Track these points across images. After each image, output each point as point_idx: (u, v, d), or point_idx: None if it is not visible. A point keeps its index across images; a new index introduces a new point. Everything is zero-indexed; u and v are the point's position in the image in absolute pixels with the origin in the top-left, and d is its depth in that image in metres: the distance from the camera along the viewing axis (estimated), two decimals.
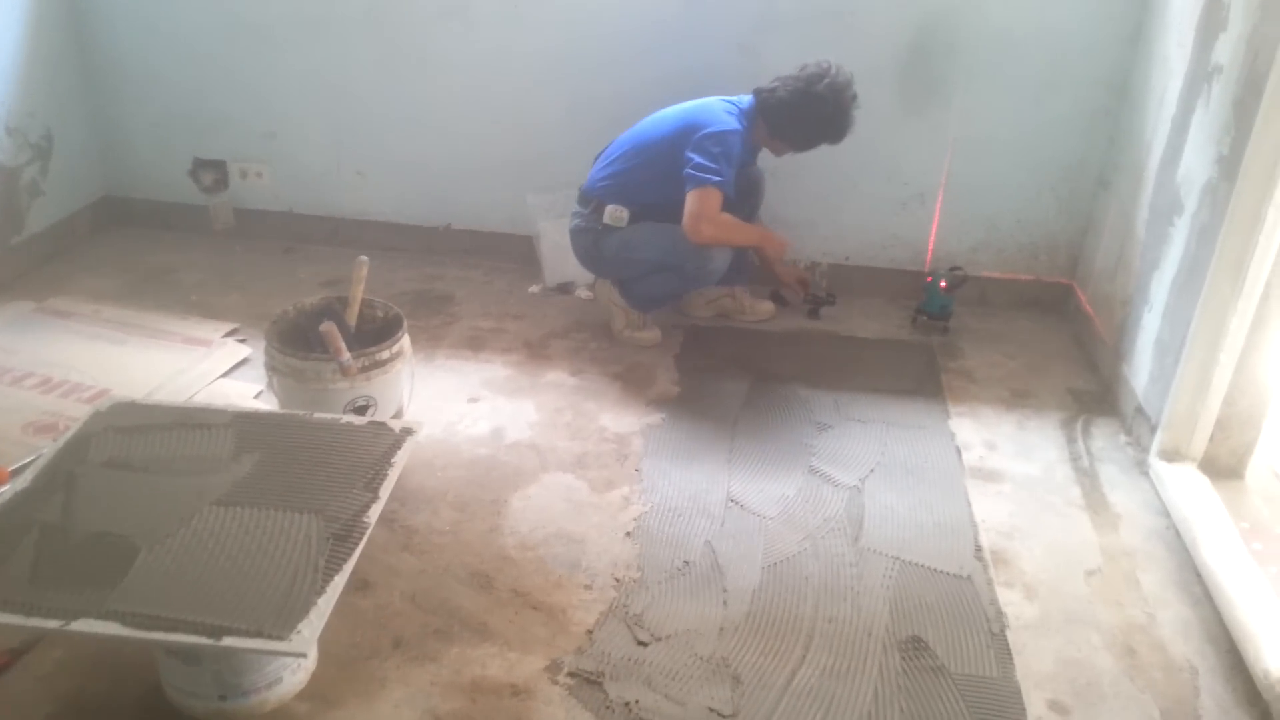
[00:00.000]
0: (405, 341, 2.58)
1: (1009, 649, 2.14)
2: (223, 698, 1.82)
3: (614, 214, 3.22)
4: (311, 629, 1.63)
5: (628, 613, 2.21)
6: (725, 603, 2.26)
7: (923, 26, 3.39)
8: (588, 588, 2.28)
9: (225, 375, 3.10)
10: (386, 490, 1.93)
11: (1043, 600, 2.29)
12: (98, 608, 1.66)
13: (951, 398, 3.14)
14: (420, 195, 3.98)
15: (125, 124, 4.02)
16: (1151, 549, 2.48)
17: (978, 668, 2.09)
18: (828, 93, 3.06)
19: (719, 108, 3.15)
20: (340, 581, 1.72)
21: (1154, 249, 2.93)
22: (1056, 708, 2.01)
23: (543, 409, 3.00)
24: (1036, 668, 2.10)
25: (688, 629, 2.17)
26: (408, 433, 2.10)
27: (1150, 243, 2.97)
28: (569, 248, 3.45)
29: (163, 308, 3.49)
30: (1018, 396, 3.17)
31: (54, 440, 2.17)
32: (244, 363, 3.16)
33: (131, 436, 2.09)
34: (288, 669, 1.86)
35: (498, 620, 2.18)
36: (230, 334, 3.33)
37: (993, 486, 2.71)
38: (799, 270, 3.71)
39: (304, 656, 1.75)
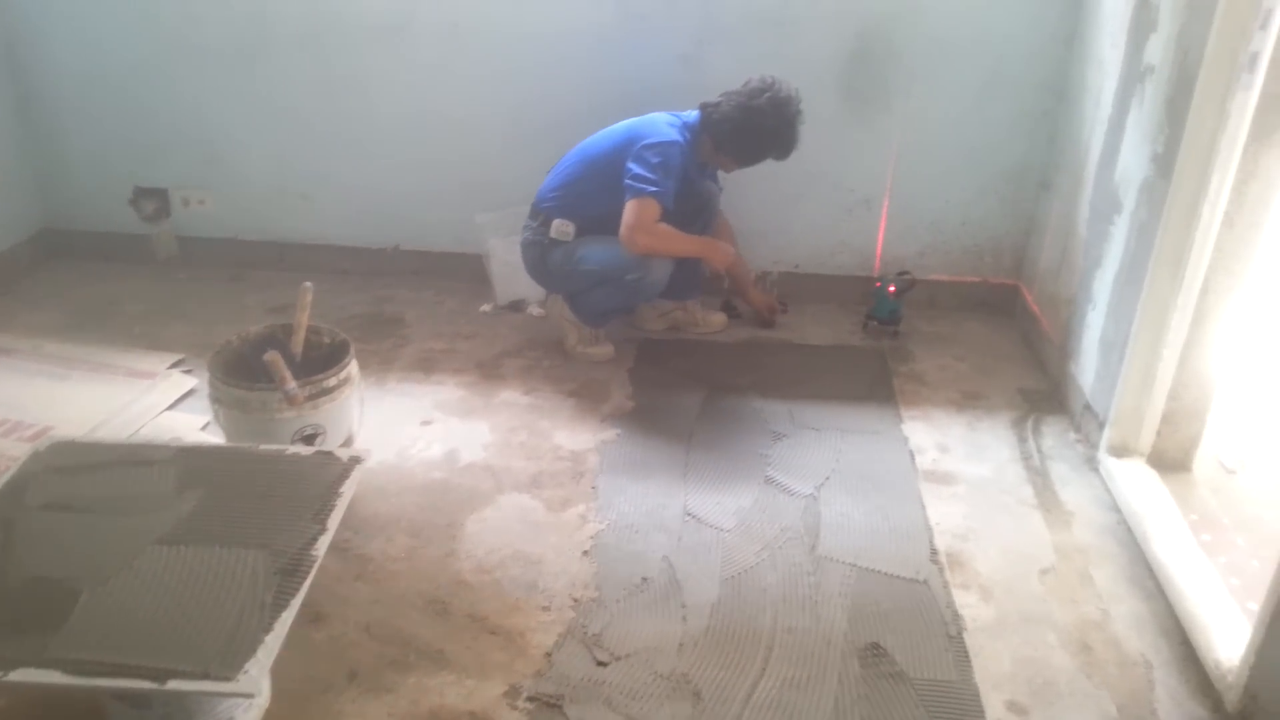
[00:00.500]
0: (353, 367, 2.55)
1: (967, 651, 2.15)
2: None
3: (560, 228, 3.21)
4: (259, 667, 1.60)
5: (586, 633, 2.19)
6: (684, 618, 2.25)
7: (863, 34, 3.42)
8: (545, 609, 2.26)
9: (171, 407, 3.05)
10: (335, 521, 1.90)
11: (998, 601, 2.31)
12: (38, 655, 1.61)
13: (904, 402, 3.16)
14: (367, 217, 3.95)
15: (62, 154, 3.95)
16: (1103, 545, 2.51)
17: (936, 672, 2.10)
18: (769, 107, 3.07)
19: (662, 121, 3.16)
20: (288, 617, 1.69)
21: (1095, 248, 2.97)
22: (1015, 708, 2.02)
23: (497, 429, 2.98)
24: (994, 669, 2.11)
25: (647, 647, 2.16)
26: (356, 461, 2.07)
27: (1092, 241, 3.01)
28: (519, 265, 3.44)
29: (106, 341, 3.42)
30: (968, 398, 3.19)
31: None
32: (190, 394, 3.11)
33: (72, 476, 2.04)
34: (239, 708, 1.83)
35: (455, 647, 2.15)
36: (175, 365, 3.28)
37: (946, 489, 2.73)
38: (771, 298, 3.71)
39: (253, 696, 1.72)
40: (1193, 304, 2.55)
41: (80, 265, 4.02)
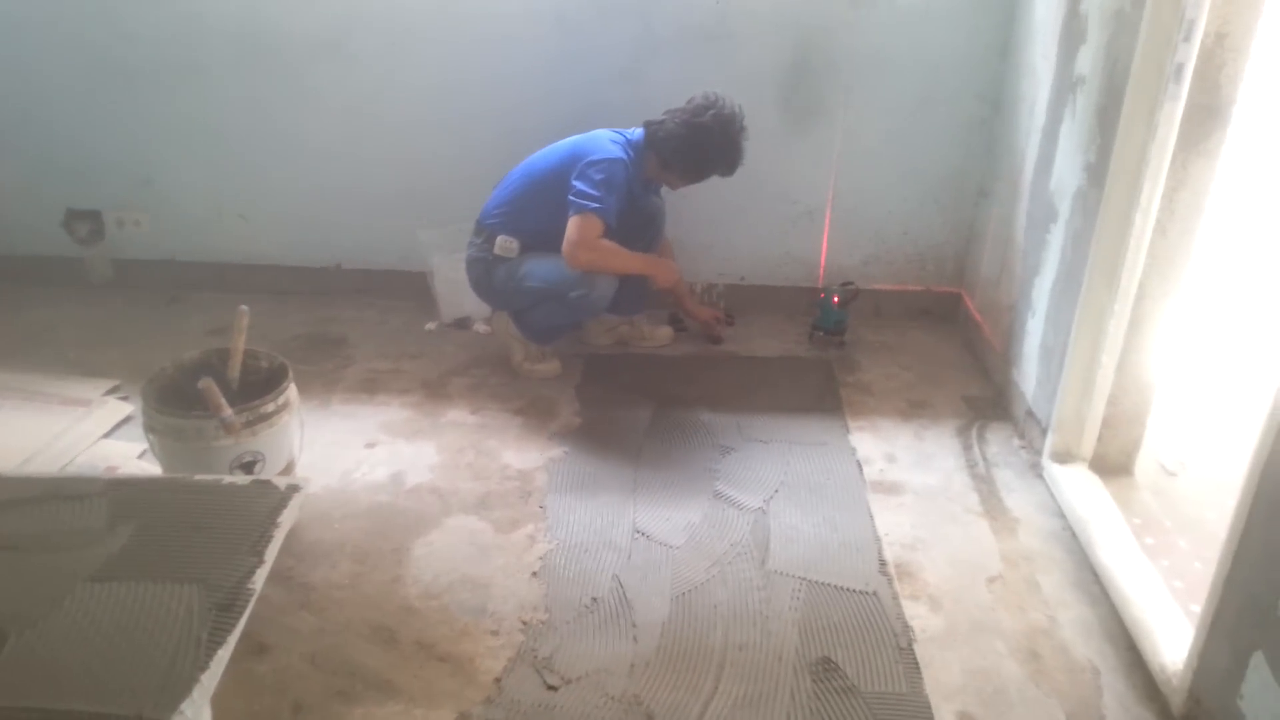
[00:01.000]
0: (291, 391, 2.50)
1: (917, 663, 2.15)
2: None
3: (504, 244, 3.19)
4: (195, 708, 1.55)
5: (536, 657, 2.16)
6: (635, 638, 2.23)
7: (800, 47, 3.44)
8: (494, 634, 2.23)
9: (107, 435, 2.98)
10: (272, 552, 1.84)
11: (947, 611, 2.32)
12: None
13: (850, 412, 3.18)
14: (307, 236, 3.89)
15: None
16: (1050, 551, 2.54)
17: (887, 684, 2.10)
18: (714, 124, 3.08)
19: (605, 138, 3.15)
20: (224, 654, 1.63)
21: (1033, 255, 3.01)
22: (966, 719, 2.02)
23: (443, 450, 2.94)
24: (945, 680, 2.12)
25: (598, 669, 2.13)
26: (294, 489, 2.02)
27: (1029, 249, 3.05)
28: (464, 282, 3.41)
29: (38, 368, 3.33)
30: (914, 407, 3.21)
31: None
32: (127, 421, 3.04)
33: None
34: None
35: (403, 675, 2.11)
36: (111, 391, 3.20)
37: (894, 499, 2.74)
38: (714, 310, 3.71)
39: None
40: (1129, 310, 2.59)
41: (12, 290, 3.91)
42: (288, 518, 1.94)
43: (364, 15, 3.50)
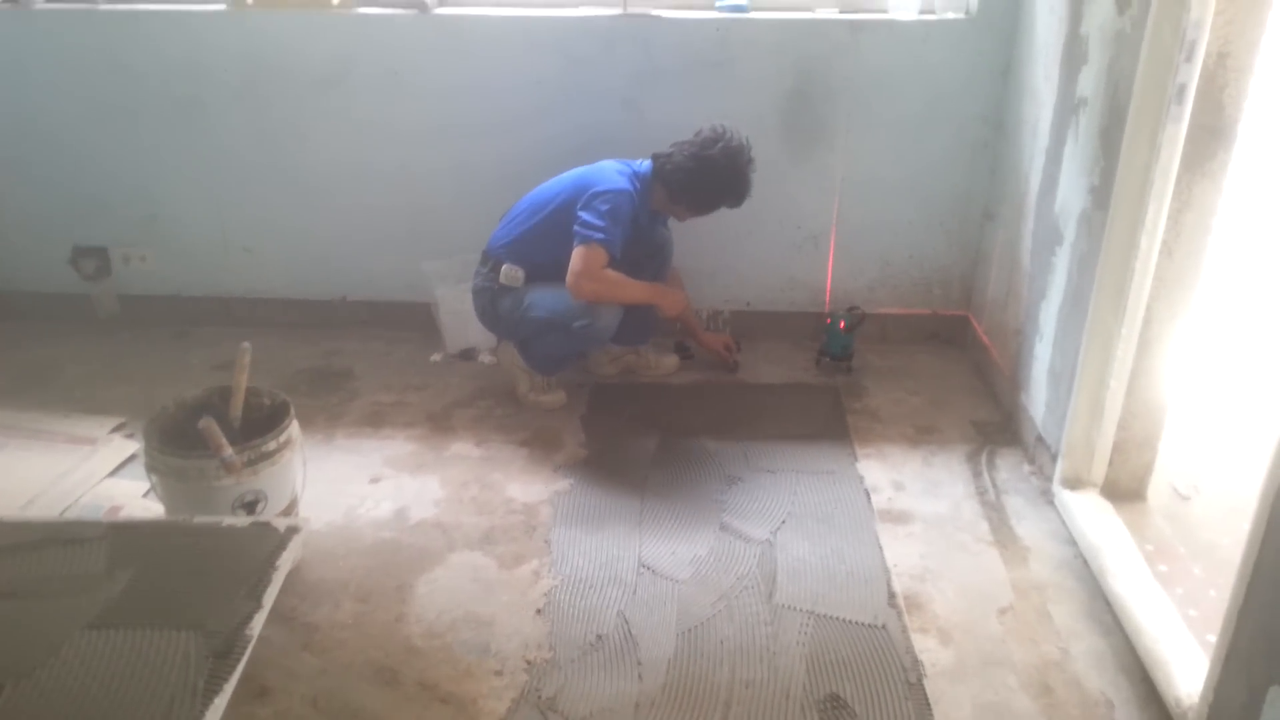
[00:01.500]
0: (293, 429, 2.49)
1: (927, 699, 2.12)
2: None
3: (510, 274, 3.18)
4: None
5: (540, 697, 2.13)
6: (640, 676, 2.20)
7: (801, 73, 3.43)
8: (498, 673, 2.20)
9: (113, 474, 2.97)
10: (270, 597, 1.84)
11: (957, 644, 2.28)
12: None
13: (858, 439, 3.14)
14: (312, 269, 3.89)
15: None
16: (1061, 580, 2.49)
17: None
18: (722, 157, 3.07)
19: (611, 169, 3.16)
20: (221, 703, 1.62)
21: (1040, 278, 2.98)
22: None
23: (448, 484, 2.93)
24: (955, 716, 2.08)
25: (603, 708, 2.10)
26: (293, 531, 2.01)
27: (1035, 272, 3.02)
28: (469, 314, 3.40)
29: (44, 406, 3.33)
30: (922, 433, 3.18)
31: None
32: (132, 459, 3.03)
33: None
34: None
35: (405, 718, 2.08)
36: (117, 429, 3.20)
37: (903, 528, 2.71)
38: (724, 337, 3.68)
39: None
40: (1136, 333, 2.55)
41: (18, 327, 3.92)
42: (286, 560, 1.94)
43: (365, 49, 3.52)
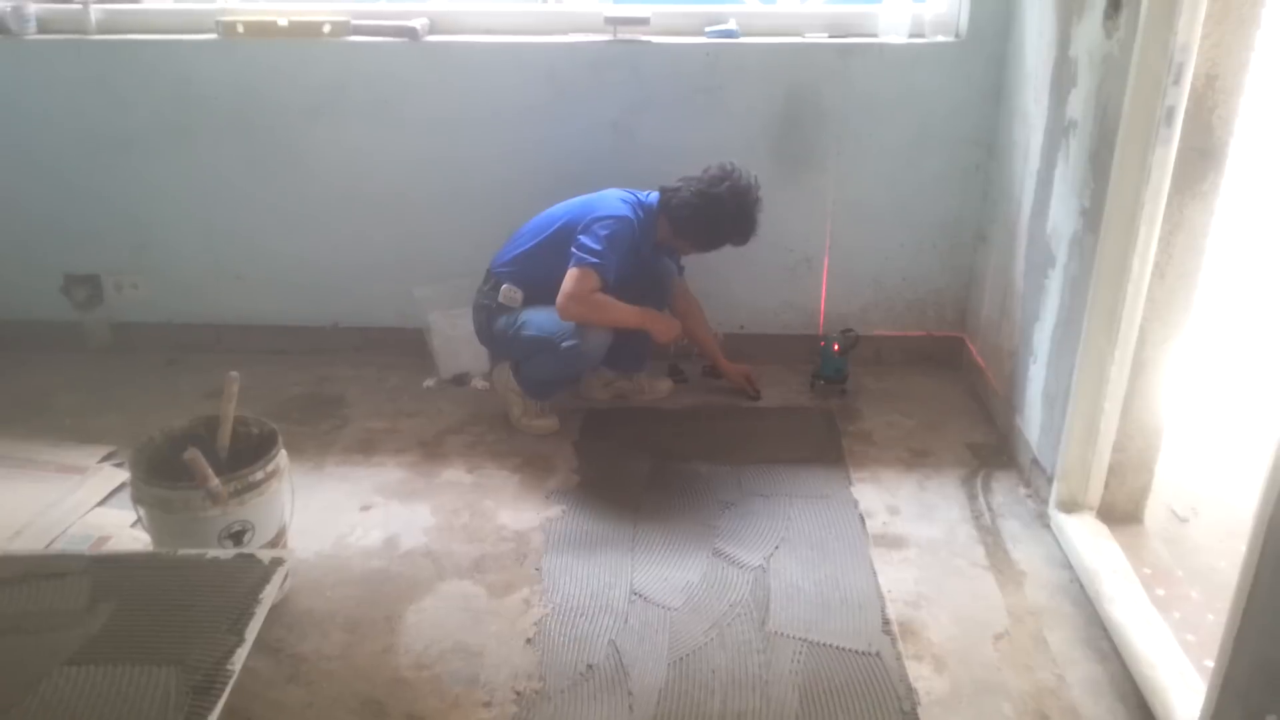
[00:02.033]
0: (281, 458, 2.46)
1: None
2: None
3: (508, 294, 3.19)
4: None
5: None
6: (631, 707, 2.17)
7: (792, 97, 3.43)
8: (487, 705, 2.18)
9: (101, 504, 2.95)
10: (253, 630, 1.81)
11: (952, 671, 2.25)
12: None
13: (853, 463, 3.12)
14: (304, 295, 3.88)
15: None
16: (1057, 605, 2.47)
17: None
18: (729, 195, 3.07)
19: (614, 196, 3.17)
20: None
21: (1033, 300, 2.97)
22: None
23: (439, 511, 2.90)
24: None
25: None
26: (278, 562, 1.98)
27: (1028, 294, 3.01)
28: (461, 339, 3.39)
29: (34, 435, 3.31)
30: (917, 456, 3.16)
31: None
32: (122, 488, 3.00)
33: None
34: None
35: None
36: (106, 458, 3.18)
37: (897, 553, 2.68)
38: (745, 367, 3.62)
39: None
40: (1130, 355, 2.54)
41: (9, 356, 3.90)
42: (270, 592, 1.91)
43: (356, 77, 3.52)
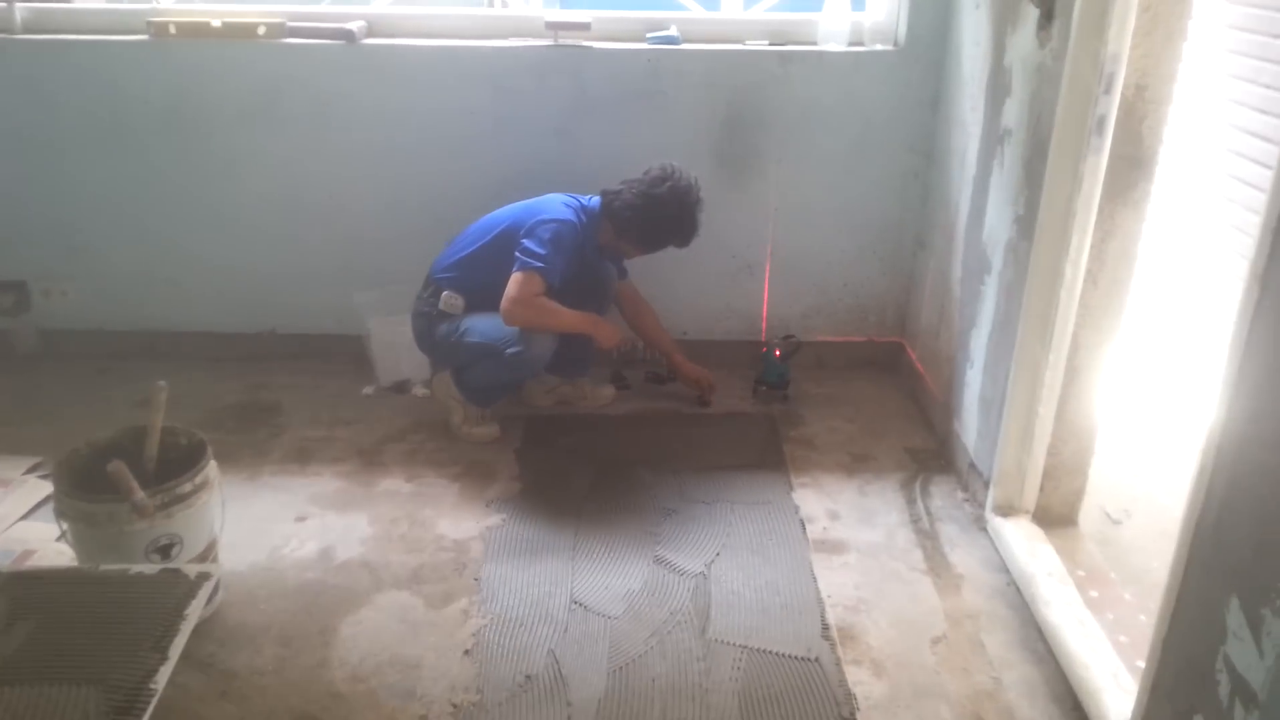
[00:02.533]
0: (211, 469, 2.40)
1: None
2: None
3: (449, 300, 3.16)
4: None
5: None
6: (569, 717, 2.15)
7: (733, 103, 3.44)
8: (423, 718, 2.14)
9: (25, 517, 2.87)
10: (178, 648, 1.76)
11: (891, 675, 2.26)
12: None
13: (794, 468, 3.13)
14: (240, 301, 3.80)
15: None
16: (994, 609, 2.49)
17: None
18: (670, 196, 3.07)
19: (557, 201, 3.16)
20: None
21: (970, 306, 3.00)
22: None
23: (376, 521, 2.86)
24: None
25: None
26: (204, 577, 1.94)
27: (966, 300, 3.04)
28: (401, 346, 3.34)
29: None
30: (858, 461, 3.18)
31: None
32: (48, 501, 2.91)
33: None
34: None
35: None
36: (32, 469, 3.09)
37: (838, 558, 2.69)
38: (705, 372, 3.58)
39: None
40: (1064, 360, 2.57)
41: None
42: (196, 608, 1.87)
43: (292, 80, 3.46)
